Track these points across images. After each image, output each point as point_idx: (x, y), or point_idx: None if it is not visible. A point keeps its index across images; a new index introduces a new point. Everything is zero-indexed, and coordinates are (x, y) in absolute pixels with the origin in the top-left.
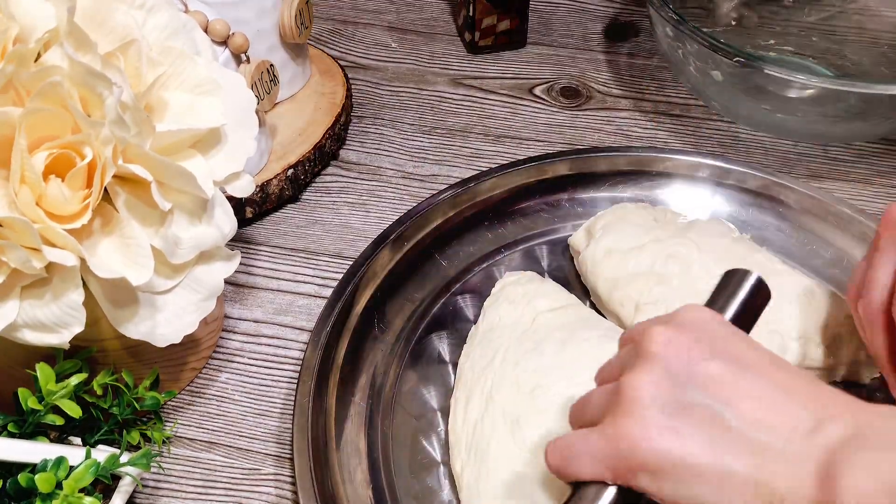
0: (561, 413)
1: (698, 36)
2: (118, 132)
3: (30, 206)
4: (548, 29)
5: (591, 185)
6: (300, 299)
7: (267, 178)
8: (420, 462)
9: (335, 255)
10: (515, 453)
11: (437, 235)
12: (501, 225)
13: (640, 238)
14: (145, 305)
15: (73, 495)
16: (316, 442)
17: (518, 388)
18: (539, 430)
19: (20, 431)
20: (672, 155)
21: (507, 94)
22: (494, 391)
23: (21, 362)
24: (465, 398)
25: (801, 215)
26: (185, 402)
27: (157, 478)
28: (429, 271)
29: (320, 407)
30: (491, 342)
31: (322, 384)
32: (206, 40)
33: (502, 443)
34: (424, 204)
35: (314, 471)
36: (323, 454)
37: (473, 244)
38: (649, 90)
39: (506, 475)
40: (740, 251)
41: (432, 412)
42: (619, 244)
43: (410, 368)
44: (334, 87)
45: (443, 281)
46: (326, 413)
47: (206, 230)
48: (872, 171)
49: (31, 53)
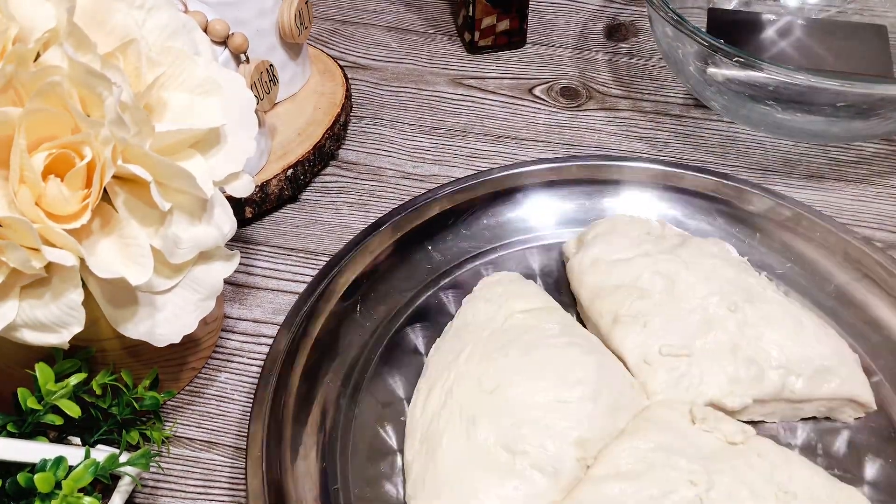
0: (513, 417)
1: (698, 36)
2: (118, 132)
3: (29, 206)
4: (548, 29)
5: (600, 192)
6: None
7: (266, 178)
8: (377, 448)
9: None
10: (466, 450)
11: (433, 228)
12: (499, 225)
13: (628, 250)
14: (145, 305)
15: (72, 495)
16: (275, 415)
17: (479, 386)
18: (493, 431)
19: (19, 431)
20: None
21: (506, 94)
22: (455, 386)
23: (20, 362)
24: (427, 390)
25: (809, 244)
26: (184, 402)
27: (157, 478)
28: (419, 263)
29: (286, 382)
30: (461, 338)
31: (289, 363)
32: (206, 40)
33: (455, 439)
34: (423, 197)
35: (266, 441)
36: (278, 428)
37: (469, 241)
38: (649, 90)
39: (452, 471)
40: (729, 274)
41: (399, 401)
42: (606, 254)
43: (386, 356)
44: (334, 87)
45: (432, 275)
46: (289, 390)
47: (206, 230)
48: (872, 172)
49: (31, 53)
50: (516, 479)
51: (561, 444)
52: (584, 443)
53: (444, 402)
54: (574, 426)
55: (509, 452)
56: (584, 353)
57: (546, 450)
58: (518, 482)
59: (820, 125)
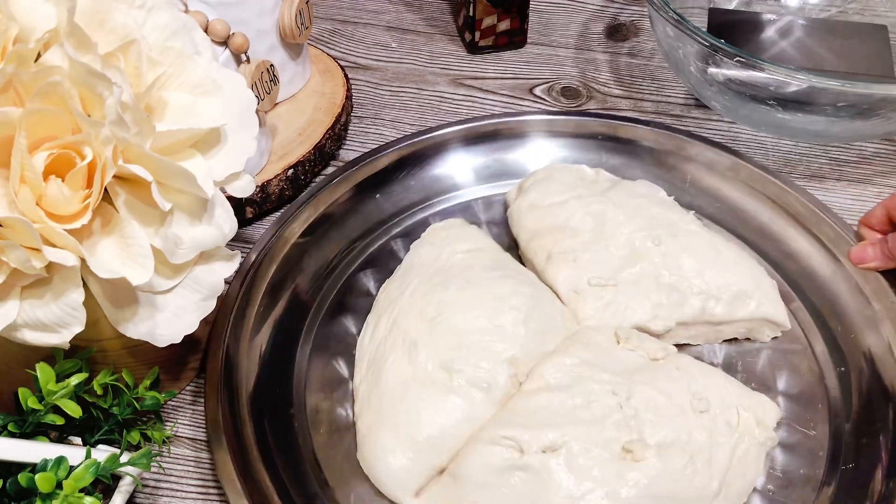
0: (452, 341)
1: (699, 36)
2: (118, 132)
3: (30, 206)
4: (548, 29)
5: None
6: None
7: (267, 178)
8: (330, 377)
9: None
10: (407, 372)
11: (386, 179)
12: (448, 176)
13: (562, 195)
14: (145, 305)
15: (73, 495)
16: (231, 348)
17: (421, 316)
18: (432, 354)
19: (20, 431)
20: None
21: (507, 94)
22: (401, 317)
23: (21, 362)
24: (375, 322)
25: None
26: (185, 402)
27: (158, 477)
28: (371, 213)
29: (241, 320)
30: (406, 277)
31: (243, 306)
32: (206, 40)
33: (397, 362)
34: (379, 148)
35: (224, 371)
36: (235, 357)
37: (418, 192)
38: (650, 90)
39: (395, 391)
40: (655, 211)
41: (352, 336)
42: (542, 199)
43: (339, 299)
44: (334, 88)
45: (382, 224)
46: (246, 326)
47: (206, 230)
48: (873, 172)
49: (32, 53)
50: (454, 396)
51: (495, 364)
52: (516, 362)
53: (390, 331)
54: (507, 347)
55: (447, 372)
56: (518, 283)
57: (481, 368)
58: (456, 398)
59: (820, 125)
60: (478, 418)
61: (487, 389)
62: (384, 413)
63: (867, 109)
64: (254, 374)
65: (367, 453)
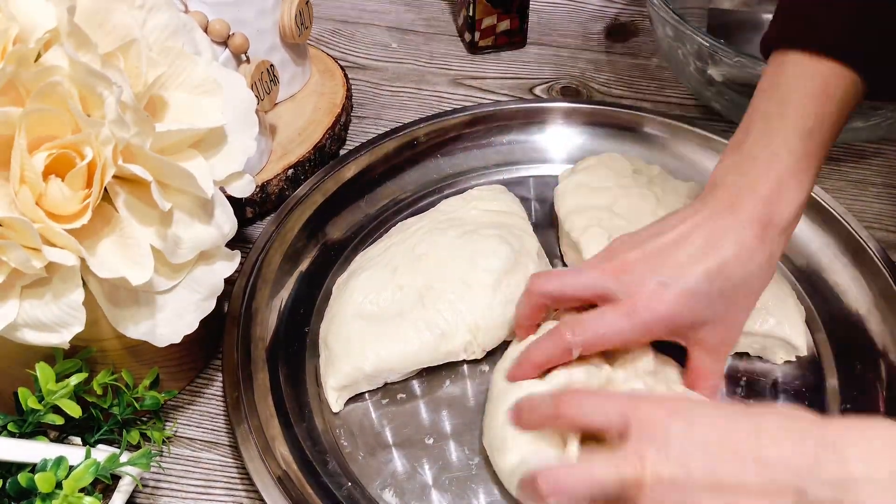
0: (428, 279)
1: (699, 36)
2: (118, 132)
3: (30, 206)
4: (548, 29)
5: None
6: None
7: (267, 178)
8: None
9: None
10: (374, 286)
11: (446, 145)
12: (507, 149)
13: (610, 181)
14: (145, 305)
15: (72, 495)
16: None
17: (412, 250)
18: (408, 280)
19: (20, 431)
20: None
21: (507, 94)
22: (395, 245)
23: (21, 362)
24: (378, 243)
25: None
26: (185, 402)
27: (157, 477)
28: (425, 175)
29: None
30: (424, 216)
31: (266, 259)
32: (206, 40)
33: (373, 276)
34: (435, 115)
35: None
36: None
37: (478, 161)
38: (650, 90)
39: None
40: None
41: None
42: (590, 181)
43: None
44: (334, 88)
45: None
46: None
47: (207, 230)
48: (873, 172)
49: (32, 53)
50: (408, 327)
51: (456, 321)
52: (476, 330)
53: (383, 251)
54: (470, 310)
55: (411, 304)
56: (501, 243)
57: (443, 317)
58: (409, 330)
59: None
60: (417, 354)
61: (441, 336)
62: (340, 332)
63: (867, 109)
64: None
65: (322, 371)
